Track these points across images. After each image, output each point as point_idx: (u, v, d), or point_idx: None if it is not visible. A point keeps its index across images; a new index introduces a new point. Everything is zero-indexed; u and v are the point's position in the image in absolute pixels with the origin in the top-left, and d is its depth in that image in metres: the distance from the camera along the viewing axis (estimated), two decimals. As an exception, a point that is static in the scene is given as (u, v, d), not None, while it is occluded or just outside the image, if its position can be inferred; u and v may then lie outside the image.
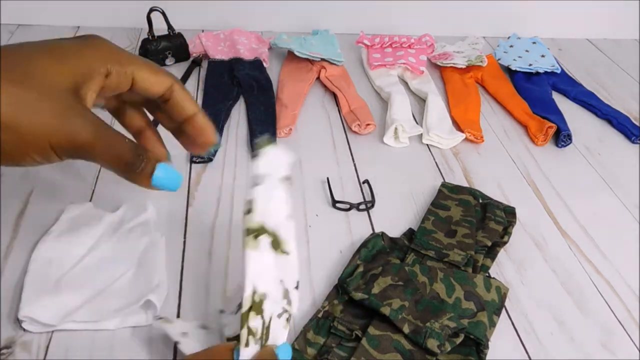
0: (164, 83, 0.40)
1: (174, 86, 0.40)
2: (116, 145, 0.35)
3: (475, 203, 0.65)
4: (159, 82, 0.39)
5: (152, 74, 0.39)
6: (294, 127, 0.80)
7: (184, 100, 0.41)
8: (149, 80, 0.39)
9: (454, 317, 0.49)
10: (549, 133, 0.81)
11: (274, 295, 0.37)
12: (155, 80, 0.39)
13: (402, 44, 0.98)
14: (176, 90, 0.40)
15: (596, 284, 0.60)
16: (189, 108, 0.41)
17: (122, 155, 0.35)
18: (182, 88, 0.41)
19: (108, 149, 0.34)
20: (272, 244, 0.38)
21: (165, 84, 0.40)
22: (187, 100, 0.41)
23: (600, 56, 1.12)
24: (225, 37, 0.99)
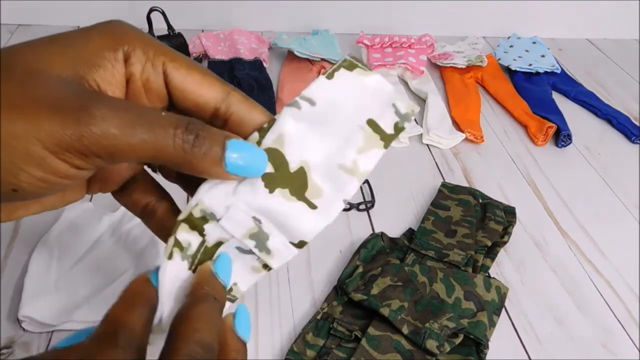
0: (216, 89, 0.26)
1: (233, 96, 0.26)
2: (149, 120, 0.23)
3: (475, 203, 0.65)
4: (208, 87, 0.26)
5: (195, 73, 0.26)
6: (294, 127, 0.80)
7: (251, 113, 0.27)
8: (192, 82, 0.26)
9: (453, 317, 0.49)
10: (549, 133, 0.81)
11: (236, 227, 0.27)
12: (201, 82, 0.26)
13: (402, 44, 0.98)
14: (235, 102, 0.26)
15: (596, 284, 0.60)
16: (255, 116, 0.27)
17: (162, 133, 0.23)
18: (245, 97, 0.27)
19: (136, 128, 0.22)
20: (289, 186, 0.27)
21: (217, 91, 0.26)
22: (255, 112, 0.27)
23: (600, 56, 1.12)
24: (225, 37, 0.99)
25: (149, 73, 0.25)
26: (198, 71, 0.26)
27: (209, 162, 0.24)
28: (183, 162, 0.23)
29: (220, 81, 0.26)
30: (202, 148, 0.23)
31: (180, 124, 0.23)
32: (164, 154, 0.23)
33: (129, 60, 0.25)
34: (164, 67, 0.26)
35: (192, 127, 0.23)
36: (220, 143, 0.24)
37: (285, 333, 0.51)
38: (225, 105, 0.26)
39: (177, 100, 0.26)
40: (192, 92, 0.26)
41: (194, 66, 0.26)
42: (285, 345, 0.50)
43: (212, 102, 0.26)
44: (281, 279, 0.56)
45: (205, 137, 0.23)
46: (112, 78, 0.25)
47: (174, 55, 0.26)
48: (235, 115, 0.26)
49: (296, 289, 0.55)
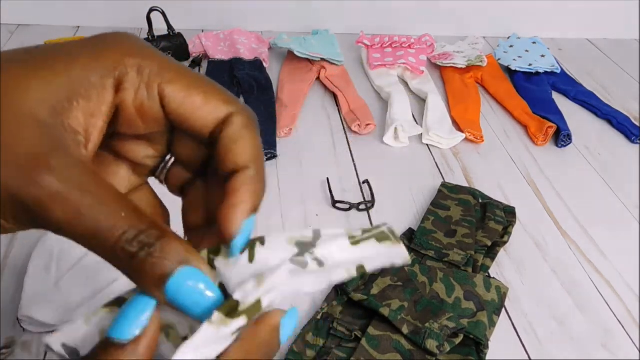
0: (218, 111, 0.23)
1: (233, 118, 0.23)
2: (98, 211, 0.19)
3: (475, 203, 0.65)
4: (207, 111, 0.23)
5: (195, 95, 0.23)
6: (294, 127, 0.80)
7: (239, 146, 0.23)
8: (190, 106, 0.23)
9: (453, 317, 0.49)
10: (549, 133, 0.81)
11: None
12: (200, 105, 0.23)
13: (402, 44, 0.98)
14: (234, 125, 0.23)
15: (596, 284, 0.60)
16: (240, 157, 0.23)
17: (106, 230, 0.19)
18: (248, 123, 0.23)
19: (81, 217, 0.19)
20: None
21: (219, 113, 0.23)
22: (244, 145, 0.23)
23: (600, 56, 1.12)
24: (225, 37, 0.99)
25: (143, 98, 0.22)
26: (199, 92, 0.23)
27: (149, 282, 0.19)
28: (121, 269, 0.20)
29: (224, 101, 0.23)
30: (145, 265, 0.19)
31: (131, 230, 0.19)
32: (101, 252, 0.19)
33: (120, 86, 0.22)
34: (159, 90, 0.22)
35: (143, 239, 0.19)
36: (166, 266, 0.19)
37: (285, 333, 0.51)
38: (220, 128, 0.23)
39: (175, 123, 0.23)
40: (189, 117, 0.23)
41: (195, 87, 0.23)
42: (285, 345, 0.50)
43: (211, 125, 0.23)
44: (281, 279, 0.56)
45: (155, 254, 0.19)
46: (96, 109, 0.21)
47: (172, 75, 0.23)
48: (224, 139, 0.23)
49: (296, 289, 0.55)
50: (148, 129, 0.24)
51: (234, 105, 0.23)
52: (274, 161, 0.73)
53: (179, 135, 0.25)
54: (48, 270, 0.52)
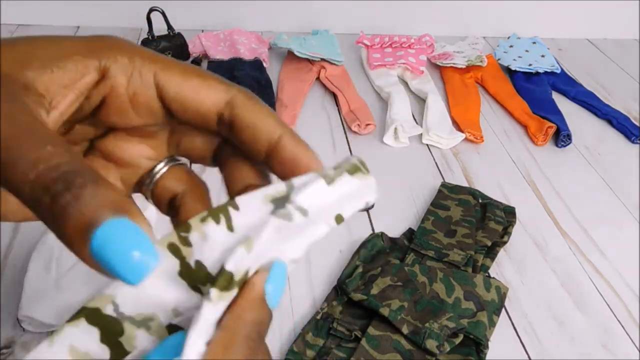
0: (215, 96, 0.22)
1: (236, 99, 0.22)
2: (22, 141, 0.16)
3: (475, 203, 0.65)
4: (205, 95, 0.22)
5: (192, 79, 0.22)
6: (294, 127, 0.80)
7: (257, 120, 0.22)
8: (187, 90, 0.21)
9: (453, 317, 0.49)
10: (549, 133, 0.81)
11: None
12: (199, 88, 0.22)
13: (402, 44, 0.98)
14: (239, 105, 0.22)
15: (596, 284, 0.60)
16: (266, 130, 0.22)
17: (26, 161, 0.16)
18: (251, 101, 0.22)
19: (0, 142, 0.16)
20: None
21: (219, 95, 0.22)
22: (261, 118, 0.22)
23: (600, 56, 1.12)
24: (225, 37, 0.99)
25: (136, 85, 0.21)
26: (196, 76, 0.22)
27: (71, 232, 0.16)
28: (38, 213, 0.16)
29: (223, 83, 0.22)
30: (68, 209, 0.15)
31: (57, 166, 0.16)
32: (18, 188, 0.16)
33: (107, 73, 0.20)
34: (155, 79, 0.21)
35: (70, 177, 0.16)
36: (95, 212, 0.15)
37: (285, 333, 0.51)
38: (229, 110, 0.22)
39: (177, 113, 0.22)
40: (191, 102, 0.21)
41: (191, 71, 0.22)
42: (285, 345, 0.50)
43: (215, 108, 0.22)
44: (281, 279, 0.56)
45: (83, 198, 0.15)
46: (70, 82, 0.19)
47: (166, 62, 0.22)
48: (240, 121, 0.22)
49: (296, 289, 0.55)
50: (143, 121, 0.22)
51: (231, 86, 0.22)
52: (274, 161, 0.73)
53: (182, 130, 0.24)
54: (48, 270, 0.52)
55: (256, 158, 0.23)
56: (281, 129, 0.22)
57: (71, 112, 0.20)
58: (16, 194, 0.16)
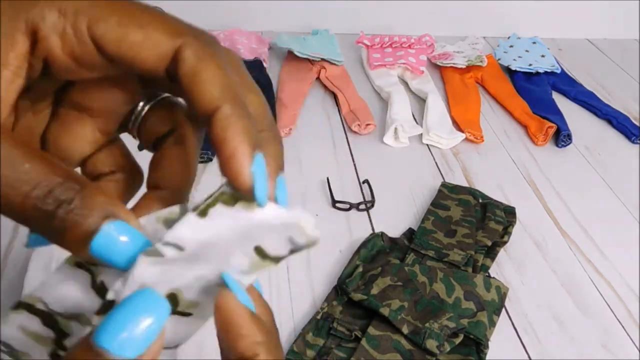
0: (159, 50, 0.19)
1: (183, 53, 0.19)
2: (10, 168, 0.16)
3: (475, 203, 0.65)
4: (147, 51, 0.19)
5: (132, 30, 0.18)
6: (294, 127, 0.80)
7: (199, 83, 0.18)
8: (125, 47, 0.18)
9: (453, 317, 0.49)
10: (549, 133, 0.81)
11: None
12: (140, 42, 0.18)
13: (402, 44, 0.98)
14: (186, 60, 0.18)
15: (596, 284, 0.60)
16: (206, 98, 0.18)
17: (9, 188, 0.16)
18: (203, 52, 0.19)
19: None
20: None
21: (160, 53, 0.19)
22: (205, 80, 0.18)
23: (600, 56, 1.12)
24: (225, 37, 0.99)
25: (72, 44, 0.18)
26: (135, 26, 0.18)
27: (72, 243, 0.17)
28: (39, 232, 0.17)
29: (167, 31, 0.19)
30: (65, 223, 0.17)
31: (42, 185, 0.16)
32: (12, 215, 0.17)
33: (37, 35, 0.18)
34: (90, 33, 0.18)
35: (58, 194, 0.16)
36: (89, 223, 0.17)
37: (285, 333, 0.51)
38: (174, 66, 0.19)
39: (121, 67, 0.19)
40: (132, 59, 0.18)
41: (130, 19, 0.18)
42: (285, 345, 0.50)
43: (161, 64, 0.19)
44: (281, 279, 0.56)
45: (75, 210, 0.17)
46: (3, 60, 0.18)
47: (102, 11, 0.18)
48: (182, 81, 0.19)
49: (296, 289, 0.55)
50: (96, 73, 0.20)
51: (180, 35, 0.19)
52: (274, 161, 0.73)
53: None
54: (48, 270, 0.52)
55: (201, 119, 0.19)
56: (221, 100, 0.18)
57: (18, 89, 0.19)
58: (9, 217, 0.17)
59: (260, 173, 0.19)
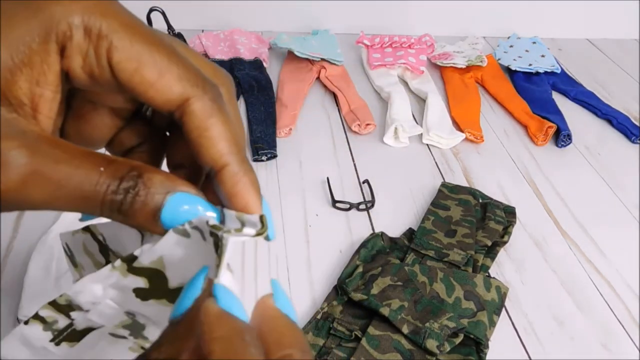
0: (171, 90, 0.19)
1: (193, 103, 0.20)
2: (78, 178, 0.18)
3: (475, 203, 0.65)
4: (157, 91, 0.19)
5: (145, 67, 0.19)
6: (294, 127, 0.80)
7: (208, 141, 0.20)
8: (141, 82, 0.19)
9: (453, 317, 0.49)
10: (549, 133, 0.81)
11: (107, 320, 0.24)
12: (152, 82, 0.19)
13: (402, 44, 0.98)
14: (195, 111, 0.20)
15: (596, 284, 0.60)
16: (213, 151, 0.20)
17: (91, 193, 0.19)
18: (212, 107, 0.20)
19: (62, 189, 0.18)
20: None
21: (172, 93, 0.19)
22: (211, 136, 0.20)
23: (600, 56, 1.12)
24: (225, 37, 0.99)
25: (92, 65, 0.19)
26: (150, 63, 0.19)
27: (144, 221, 0.20)
28: (117, 220, 0.20)
29: (180, 79, 0.19)
30: (134, 206, 0.19)
31: (113, 181, 0.19)
32: (92, 212, 0.19)
33: (65, 52, 0.19)
34: (108, 58, 0.19)
35: (125, 184, 0.19)
36: (155, 200, 0.19)
37: (285, 333, 0.51)
38: (180, 113, 0.20)
39: (132, 95, 0.20)
40: (143, 94, 0.20)
41: (148, 54, 0.19)
42: (285, 345, 0.50)
43: (169, 107, 0.20)
44: (281, 279, 0.56)
45: (140, 192, 0.19)
46: (41, 77, 0.19)
47: (123, 38, 0.19)
48: (187, 130, 0.20)
49: (296, 289, 0.55)
50: (111, 92, 0.21)
51: (192, 84, 0.20)
52: (274, 161, 0.73)
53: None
54: (48, 270, 0.52)
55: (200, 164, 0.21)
56: (228, 156, 0.20)
57: (58, 106, 0.20)
58: (88, 214, 0.19)
59: (269, 216, 0.21)
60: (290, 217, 0.64)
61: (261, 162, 0.73)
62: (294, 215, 0.65)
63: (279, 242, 0.60)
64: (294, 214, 0.65)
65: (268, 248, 0.60)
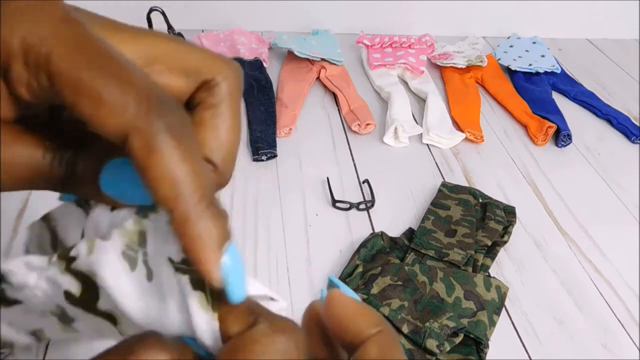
0: (106, 126, 0.16)
1: (131, 141, 0.16)
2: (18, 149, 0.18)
3: (475, 202, 0.65)
4: (97, 120, 0.16)
5: (83, 99, 0.16)
6: (294, 127, 0.80)
7: (148, 179, 0.17)
8: (80, 109, 0.16)
9: (453, 317, 0.49)
10: (549, 133, 0.81)
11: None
12: (89, 110, 0.16)
13: (402, 44, 0.98)
14: (133, 149, 0.16)
15: (596, 284, 0.60)
16: (155, 196, 0.17)
17: (33, 161, 0.18)
18: (158, 142, 0.16)
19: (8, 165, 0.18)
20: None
21: (109, 129, 0.16)
22: (153, 178, 0.16)
23: (600, 56, 1.12)
24: (225, 37, 0.99)
25: (36, 91, 0.17)
26: (88, 91, 0.16)
27: (87, 188, 0.19)
28: (61, 190, 0.19)
29: (116, 111, 0.16)
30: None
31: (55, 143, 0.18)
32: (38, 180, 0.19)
33: (7, 77, 0.17)
34: (49, 83, 0.17)
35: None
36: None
37: (285, 333, 0.51)
38: (128, 150, 0.17)
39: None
40: (88, 125, 0.17)
41: (89, 80, 0.16)
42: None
43: (109, 137, 0.17)
44: (281, 278, 0.56)
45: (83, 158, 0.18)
46: None
47: (64, 62, 0.16)
48: (138, 170, 0.17)
49: (296, 289, 0.55)
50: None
51: (131, 120, 0.16)
52: (274, 161, 0.73)
53: None
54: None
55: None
56: (173, 201, 0.17)
57: (9, 116, 0.18)
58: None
59: (233, 275, 0.17)
60: (290, 217, 0.64)
61: (261, 162, 0.73)
62: (294, 215, 0.65)
63: (279, 242, 0.60)
64: (294, 213, 0.65)
65: (268, 248, 0.60)
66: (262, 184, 0.69)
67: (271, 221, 0.63)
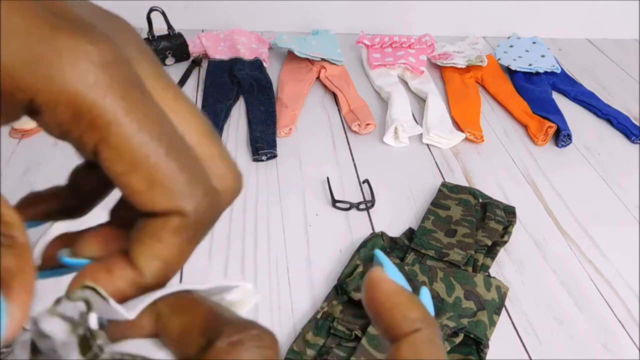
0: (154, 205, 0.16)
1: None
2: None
3: (475, 202, 0.65)
4: (146, 197, 0.16)
5: (140, 172, 0.16)
6: (294, 127, 0.80)
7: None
8: (127, 182, 0.16)
9: (453, 317, 0.49)
10: (549, 133, 0.81)
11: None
12: (141, 187, 0.16)
13: (402, 44, 0.98)
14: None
15: (596, 284, 0.60)
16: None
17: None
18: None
19: None
20: None
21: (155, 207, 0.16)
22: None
23: (600, 56, 1.12)
24: (225, 37, 0.99)
25: (66, 137, 0.15)
26: (142, 174, 0.15)
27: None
28: None
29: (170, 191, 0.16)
30: None
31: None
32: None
33: (42, 113, 0.15)
34: (96, 151, 0.15)
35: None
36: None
37: (285, 332, 0.51)
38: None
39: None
40: (125, 195, 0.16)
41: (146, 157, 0.15)
42: (285, 344, 0.50)
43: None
44: (281, 278, 0.56)
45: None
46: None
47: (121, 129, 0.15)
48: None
49: (296, 289, 0.55)
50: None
51: (188, 209, 0.16)
52: (274, 161, 0.73)
53: None
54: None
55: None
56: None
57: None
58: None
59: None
60: (290, 217, 0.64)
61: (261, 162, 0.73)
62: (294, 215, 0.65)
63: (279, 242, 0.60)
64: (294, 213, 0.65)
65: (268, 248, 0.60)
66: (262, 184, 0.69)
67: (271, 221, 0.63)
